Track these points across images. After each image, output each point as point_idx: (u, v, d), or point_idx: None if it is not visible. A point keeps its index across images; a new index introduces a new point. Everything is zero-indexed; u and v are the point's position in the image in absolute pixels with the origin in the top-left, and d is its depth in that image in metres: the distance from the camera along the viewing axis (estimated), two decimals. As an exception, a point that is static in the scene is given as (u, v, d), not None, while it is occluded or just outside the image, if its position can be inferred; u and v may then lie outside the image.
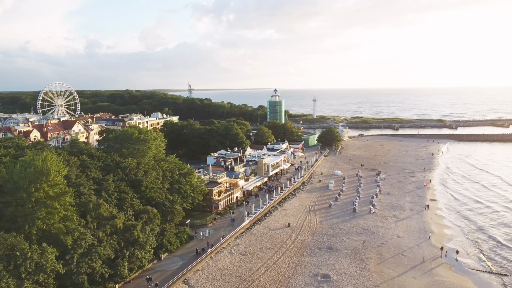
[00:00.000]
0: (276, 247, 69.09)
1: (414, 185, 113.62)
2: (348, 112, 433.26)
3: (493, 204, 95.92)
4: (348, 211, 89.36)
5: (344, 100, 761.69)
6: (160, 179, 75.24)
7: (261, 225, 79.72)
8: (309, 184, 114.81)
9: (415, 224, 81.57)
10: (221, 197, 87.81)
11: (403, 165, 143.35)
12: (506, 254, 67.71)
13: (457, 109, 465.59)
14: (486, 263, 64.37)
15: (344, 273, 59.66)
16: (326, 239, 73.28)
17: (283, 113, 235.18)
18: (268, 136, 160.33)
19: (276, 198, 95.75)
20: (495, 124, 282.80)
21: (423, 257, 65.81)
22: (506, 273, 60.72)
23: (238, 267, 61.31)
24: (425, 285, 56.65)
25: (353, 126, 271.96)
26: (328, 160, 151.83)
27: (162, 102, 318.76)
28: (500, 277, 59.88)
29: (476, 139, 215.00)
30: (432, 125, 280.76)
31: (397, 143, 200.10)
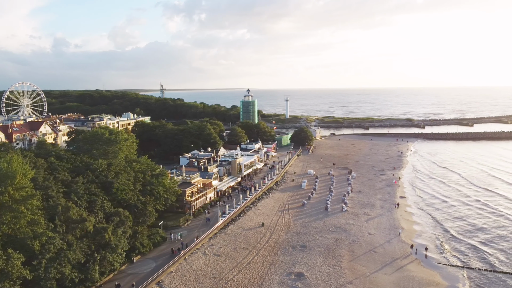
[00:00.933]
0: (250, 247, 69.19)
1: (385, 183, 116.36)
2: (320, 112, 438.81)
3: (459, 201, 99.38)
4: (321, 210, 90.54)
5: (316, 100, 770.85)
6: (132, 180, 73.94)
7: (235, 225, 79.65)
8: (283, 184, 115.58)
9: (385, 221, 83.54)
10: (194, 198, 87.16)
11: (374, 163, 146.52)
12: (472, 248, 70.25)
13: (425, 108, 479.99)
14: (452, 258, 66.56)
15: (317, 271, 60.41)
16: (299, 237, 73.98)
17: (256, 113, 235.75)
18: (241, 136, 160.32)
19: (250, 198, 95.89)
20: (460, 123, 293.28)
21: (393, 253, 67.48)
22: (472, 266, 63.02)
23: (212, 268, 61.03)
24: (395, 280, 58.10)
25: (325, 126, 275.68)
26: (301, 160, 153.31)
27: (133, 102, 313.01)
28: (466, 270, 62.08)
29: (442, 137, 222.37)
30: (401, 124, 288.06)
31: (367, 142, 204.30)
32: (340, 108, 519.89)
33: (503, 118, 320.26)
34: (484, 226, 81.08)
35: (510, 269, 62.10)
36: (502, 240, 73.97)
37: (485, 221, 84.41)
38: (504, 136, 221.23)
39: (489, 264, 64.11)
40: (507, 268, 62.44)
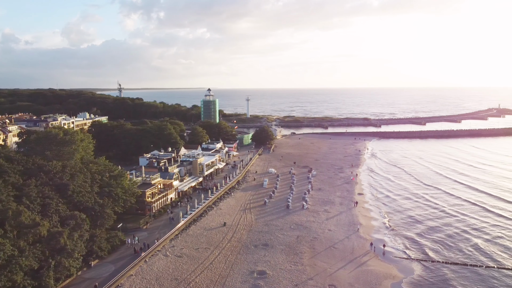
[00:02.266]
0: (212, 247, 68.86)
1: (343, 181, 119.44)
2: (280, 111, 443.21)
3: (414, 197, 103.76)
4: (282, 208, 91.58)
5: (277, 100, 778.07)
6: (89, 182, 71.46)
7: (197, 226, 78.98)
8: (244, 183, 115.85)
9: (344, 217, 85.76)
10: (154, 199, 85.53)
11: (333, 161, 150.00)
12: (426, 242, 73.55)
13: (381, 108, 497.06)
14: (408, 251, 69.43)
15: (279, 268, 61.07)
16: (261, 236, 74.47)
17: (217, 113, 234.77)
18: (202, 135, 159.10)
19: (212, 197, 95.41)
20: (414, 122, 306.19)
21: (352, 248, 69.41)
22: (426, 259, 66.01)
23: (174, 270, 60.20)
24: (354, 275, 59.81)
25: (286, 125, 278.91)
26: (262, 159, 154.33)
27: (89, 101, 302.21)
28: (420, 262, 64.93)
29: (397, 136, 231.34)
30: (358, 124, 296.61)
31: (327, 141, 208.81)
32: (300, 107, 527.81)
33: (452, 117, 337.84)
34: (436, 221, 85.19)
35: (459, 260, 65.56)
36: (453, 234, 77.96)
37: (437, 216, 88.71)
38: (454, 134, 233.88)
39: (441, 255, 67.32)
40: (456, 259, 65.90)
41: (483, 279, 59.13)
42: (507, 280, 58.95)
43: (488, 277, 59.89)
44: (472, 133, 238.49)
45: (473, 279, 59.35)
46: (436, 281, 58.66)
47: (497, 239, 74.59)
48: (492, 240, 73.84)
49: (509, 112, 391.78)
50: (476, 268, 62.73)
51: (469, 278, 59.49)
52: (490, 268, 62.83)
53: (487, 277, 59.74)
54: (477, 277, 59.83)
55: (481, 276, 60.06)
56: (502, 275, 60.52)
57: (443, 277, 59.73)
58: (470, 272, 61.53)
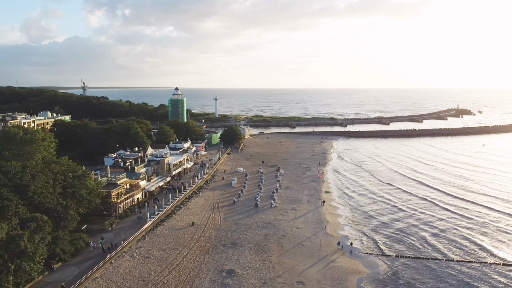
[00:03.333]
0: (180, 247, 68.20)
1: (311, 179, 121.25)
2: (248, 111, 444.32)
3: (377, 194, 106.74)
4: (251, 207, 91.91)
5: (245, 100, 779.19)
6: (51, 183, 69.00)
7: (165, 226, 77.98)
8: (213, 182, 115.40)
9: (312, 215, 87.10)
10: (121, 199, 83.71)
11: (301, 160, 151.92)
12: (389, 237, 75.86)
13: (347, 108, 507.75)
14: (372, 247, 71.39)
15: (248, 267, 61.29)
16: (230, 235, 74.46)
17: (185, 112, 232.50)
18: (170, 135, 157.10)
19: (180, 197, 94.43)
20: (378, 122, 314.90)
21: (320, 245, 70.63)
22: (390, 254, 68.10)
23: (141, 271, 59.19)
24: (322, 271, 60.92)
25: (254, 125, 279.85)
26: (231, 158, 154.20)
27: (51, 100, 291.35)
28: (385, 257, 66.91)
29: (363, 135, 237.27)
30: (325, 123, 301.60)
31: (294, 140, 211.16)
32: (268, 107, 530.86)
33: (415, 117, 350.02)
34: (398, 218, 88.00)
35: (422, 255, 68.07)
36: (415, 229, 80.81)
37: (399, 213, 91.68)
38: (416, 134, 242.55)
39: (403, 250, 69.64)
40: (417, 254, 68.40)
41: (436, 273, 61.59)
42: (472, 272, 61.67)
43: (447, 270, 62.44)
44: (432, 132, 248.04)
45: (435, 272, 61.74)
46: (400, 275, 60.59)
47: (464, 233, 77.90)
48: (450, 235, 77.09)
49: (466, 112, 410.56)
50: (437, 261, 65.28)
51: (431, 272, 61.85)
52: (450, 261, 65.55)
53: (446, 270, 62.28)
54: (435, 270, 62.28)
55: (436, 269, 62.57)
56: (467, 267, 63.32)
57: (406, 271, 61.79)
58: (432, 266, 63.97)
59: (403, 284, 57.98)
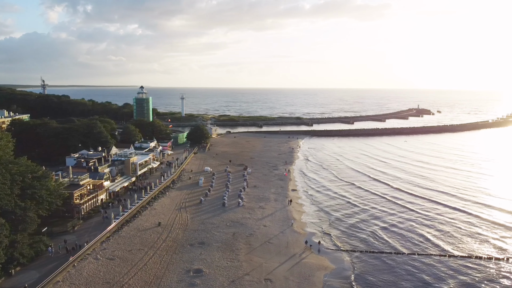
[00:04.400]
0: (146, 248, 67.01)
1: (278, 178, 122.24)
2: (215, 110, 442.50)
3: (342, 192, 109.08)
4: (218, 206, 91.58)
5: (211, 99, 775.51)
6: (8, 184, 65.88)
7: (130, 227, 76.37)
8: (179, 182, 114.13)
9: (279, 213, 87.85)
10: (83, 200, 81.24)
11: (268, 159, 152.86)
12: (355, 234, 77.67)
13: (312, 108, 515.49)
14: (338, 243, 72.88)
15: (216, 266, 61.05)
16: (197, 234, 73.90)
17: (151, 111, 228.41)
18: (135, 134, 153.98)
19: (146, 197, 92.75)
20: (343, 121, 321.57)
21: (287, 243, 71.35)
22: (354, 249, 69.76)
23: (106, 273, 57.70)
24: (289, 268, 61.56)
25: (221, 124, 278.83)
26: (198, 157, 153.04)
27: (8, 98, 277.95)
28: (349, 253, 68.48)
29: (328, 134, 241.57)
30: (291, 123, 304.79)
31: (261, 139, 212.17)
32: (235, 107, 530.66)
33: (378, 117, 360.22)
34: (364, 215, 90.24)
35: (386, 249, 70.18)
36: (376, 225, 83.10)
37: (366, 209, 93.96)
38: (379, 133, 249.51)
39: (367, 245, 71.56)
40: (381, 248, 70.48)
41: (396, 265, 63.76)
42: (452, 265, 64.11)
43: (409, 263, 64.69)
44: (394, 131, 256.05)
45: (399, 266, 63.75)
46: (364, 269, 62.18)
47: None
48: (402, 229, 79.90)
49: (426, 112, 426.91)
50: (404, 256, 67.47)
51: (396, 265, 63.83)
52: (412, 254, 67.93)
53: (407, 263, 64.52)
54: (395, 263, 64.39)
55: (395, 261, 64.75)
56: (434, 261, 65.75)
57: (371, 265, 63.52)
58: (398, 259, 66.02)
59: (368, 278, 59.50)
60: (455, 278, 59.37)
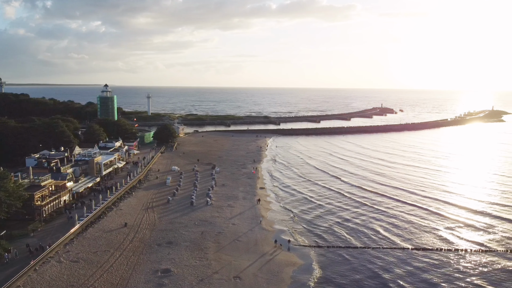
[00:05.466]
0: (112, 249, 65.49)
1: (246, 176, 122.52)
2: (182, 109, 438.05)
3: (309, 189, 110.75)
4: (186, 205, 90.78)
5: (178, 98, 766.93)
6: (-37, 186, 62.78)
7: (95, 228, 74.39)
8: (146, 182, 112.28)
9: (248, 211, 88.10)
10: (45, 202, 78.35)
11: (236, 158, 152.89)
12: (319, 230, 79.04)
13: (279, 107, 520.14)
14: (305, 239, 73.94)
15: (184, 265, 60.51)
16: (165, 234, 72.96)
17: (116, 110, 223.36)
18: (99, 134, 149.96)
19: (111, 198, 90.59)
20: (310, 120, 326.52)
21: (256, 240, 71.67)
22: (321, 245, 70.99)
23: (69, 276, 55.94)
24: (258, 265, 61.86)
25: (188, 123, 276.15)
26: (165, 157, 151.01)
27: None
28: (315, 249, 69.61)
29: (295, 133, 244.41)
30: (259, 122, 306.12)
31: (229, 138, 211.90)
32: (202, 106, 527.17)
33: (343, 116, 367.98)
34: (329, 210, 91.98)
35: (352, 244, 71.90)
36: (344, 220, 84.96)
37: (330, 206, 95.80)
38: (344, 131, 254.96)
39: (334, 240, 73.05)
40: (350, 243, 72.19)
41: (360, 260, 65.58)
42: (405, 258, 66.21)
43: (374, 256, 66.56)
44: (359, 130, 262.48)
45: (361, 259, 65.44)
46: (331, 264, 63.41)
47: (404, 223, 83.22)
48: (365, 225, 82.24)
49: (389, 111, 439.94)
50: (365, 249, 69.32)
51: (357, 259, 65.46)
52: (377, 248, 69.92)
53: (374, 256, 66.38)
54: (359, 257, 66.14)
55: (358, 256, 66.58)
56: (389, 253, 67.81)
57: (337, 260, 64.86)
58: (361, 253, 67.74)
59: (333, 272, 60.70)
60: (410, 268, 61.61)
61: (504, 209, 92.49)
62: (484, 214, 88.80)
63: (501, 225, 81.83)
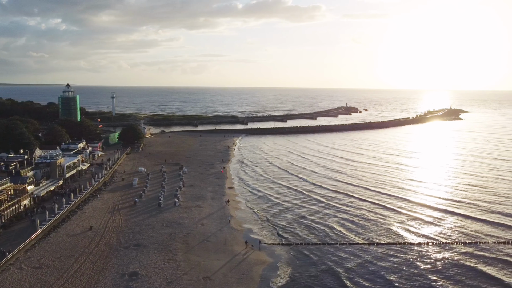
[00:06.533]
0: (77, 254, 63.62)
1: (214, 176, 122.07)
2: (148, 109, 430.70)
3: (277, 187, 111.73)
4: (154, 206, 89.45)
5: (144, 98, 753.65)
6: None
7: (58, 233, 72.03)
8: (112, 184, 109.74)
9: (216, 211, 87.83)
10: (4, 207, 74.99)
11: (204, 158, 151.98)
12: (287, 228, 79.89)
13: (247, 107, 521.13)
14: (274, 237, 74.62)
15: (152, 267, 59.63)
16: (132, 236, 71.61)
17: (79, 111, 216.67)
18: (62, 135, 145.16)
19: (75, 201, 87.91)
20: (277, 119, 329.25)
21: (225, 240, 71.59)
22: (290, 243, 71.84)
23: (31, 283, 53.89)
24: (228, 265, 61.83)
25: (155, 123, 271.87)
26: (131, 158, 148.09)
27: None
28: (286, 246, 70.38)
29: (262, 132, 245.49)
30: (227, 121, 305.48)
31: (197, 138, 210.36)
32: (169, 106, 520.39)
33: (309, 115, 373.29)
34: (296, 208, 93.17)
35: (320, 241, 73.21)
36: (309, 218, 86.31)
37: (297, 205, 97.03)
38: (311, 130, 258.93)
39: (301, 238, 74.12)
40: (316, 241, 73.44)
41: (332, 253, 67.04)
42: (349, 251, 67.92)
43: (338, 251, 68.09)
44: (325, 128, 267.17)
45: (327, 254, 66.82)
46: (300, 262, 64.33)
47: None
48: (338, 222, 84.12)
49: (354, 110, 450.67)
50: (328, 246, 70.78)
51: (327, 255, 66.79)
52: (341, 244, 71.52)
53: (335, 251, 67.90)
54: (327, 253, 67.55)
55: (330, 251, 68.03)
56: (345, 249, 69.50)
57: (306, 257, 65.85)
58: (329, 250, 69.11)
59: (303, 270, 61.67)
60: (360, 261, 63.58)
61: (455, 204, 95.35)
62: (435, 209, 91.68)
63: (449, 218, 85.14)
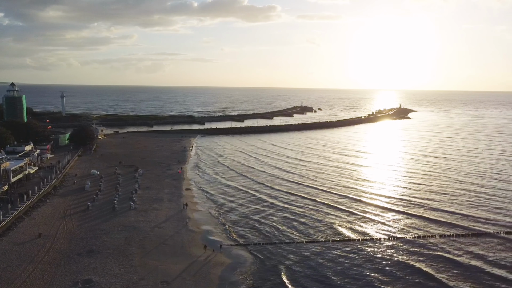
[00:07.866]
0: (25, 263, 60.52)
1: (171, 178, 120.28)
2: (101, 109, 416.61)
3: (234, 188, 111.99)
4: (108, 210, 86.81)
5: (96, 98, 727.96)
6: None
7: (4, 241, 68.14)
8: (63, 188, 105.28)
9: (174, 213, 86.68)
10: None
11: (160, 159, 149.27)
12: (248, 227, 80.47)
13: (203, 107, 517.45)
14: (234, 237, 74.82)
15: (108, 274, 57.93)
16: (85, 242, 69.12)
17: (25, 111, 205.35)
18: (6, 137, 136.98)
19: (22, 207, 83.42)
20: (234, 119, 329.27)
21: (183, 242, 70.84)
22: (248, 243, 72.30)
23: (-25, 296, 50.76)
24: (186, 267, 61.25)
25: (108, 124, 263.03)
26: (83, 160, 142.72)
27: None
28: (244, 247, 70.75)
29: (220, 132, 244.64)
30: (183, 121, 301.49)
31: (153, 139, 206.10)
32: (122, 106, 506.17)
33: (266, 114, 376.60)
34: (255, 208, 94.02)
35: (278, 240, 74.26)
36: (270, 218, 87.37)
37: (256, 203, 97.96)
38: (268, 130, 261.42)
39: (262, 238, 74.89)
40: (274, 240, 74.47)
41: (296, 252, 68.36)
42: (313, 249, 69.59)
43: (301, 248, 69.52)
44: (281, 128, 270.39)
45: (289, 253, 68.01)
46: (260, 260, 64.98)
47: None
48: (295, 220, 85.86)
49: (309, 109, 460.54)
50: (285, 245, 72.08)
51: (288, 253, 67.94)
52: (300, 243, 72.99)
53: (298, 249, 69.31)
54: (287, 251, 68.81)
55: (292, 249, 69.34)
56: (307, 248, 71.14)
57: (267, 257, 66.58)
58: (288, 248, 70.29)
59: (266, 268, 62.37)
60: (299, 258, 65.59)
61: (400, 202, 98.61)
62: (379, 207, 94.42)
63: (395, 216, 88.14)
